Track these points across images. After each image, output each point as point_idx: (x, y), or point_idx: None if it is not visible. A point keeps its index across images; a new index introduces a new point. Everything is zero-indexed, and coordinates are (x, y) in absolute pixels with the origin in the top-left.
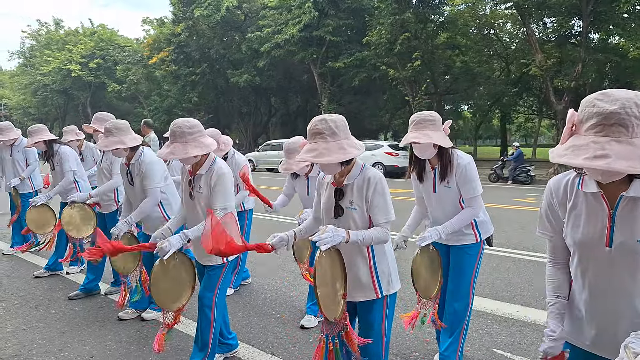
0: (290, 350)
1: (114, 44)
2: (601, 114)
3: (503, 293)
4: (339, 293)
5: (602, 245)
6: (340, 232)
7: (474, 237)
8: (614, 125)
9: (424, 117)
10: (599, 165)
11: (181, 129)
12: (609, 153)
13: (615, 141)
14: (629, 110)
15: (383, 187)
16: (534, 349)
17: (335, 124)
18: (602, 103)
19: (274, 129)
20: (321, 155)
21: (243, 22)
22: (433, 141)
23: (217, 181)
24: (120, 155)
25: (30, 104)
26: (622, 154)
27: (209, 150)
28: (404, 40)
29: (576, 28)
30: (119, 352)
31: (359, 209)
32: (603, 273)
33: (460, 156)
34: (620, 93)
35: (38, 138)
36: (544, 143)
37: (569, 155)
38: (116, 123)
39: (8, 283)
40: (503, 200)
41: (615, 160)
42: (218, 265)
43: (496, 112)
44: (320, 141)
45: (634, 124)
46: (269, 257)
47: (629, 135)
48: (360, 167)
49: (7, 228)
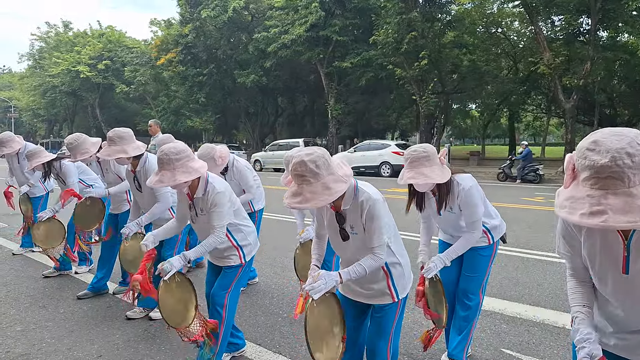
0: (297, 350)
1: (122, 45)
2: (592, 167)
3: (511, 292)
4: (337, 337)
5: (619, 272)
6: (333, 277)
7: (487, 240)
8: (608, 178)
9: (417, 154)
10: (595, 223)
11: (168, 156)
12: (605, 208)
13: (611, 194)
14: (620, 163)
15: (374, 212)
16: (542, 348)
17: (315, 164)
18: (593, 155)
19: (281, 129)
20: (307, 200)
21: (250, 23)
22: (430, 181)
23: (213, 202)
24: (124, 164)
25: (39, 105)
26: (620, 207)
27: (198, 175)
28: (410, 39)
29: (585, 26)
30: (127, 351)
31: (360, 233)
32: (621, 295)
33: (461, 182)
34: (612, 142)
35: (37, 161)
36: (552, 142)
37: (567, 210)
38: (119, 132)
39: (18, 283)
40: (511, 200)
41: (612, 215)
42: (235, 265)
43: (504, 111)
44: (304, 185)
45: (628, 175)
46: (276, 256)
47: (626, 185)
48: (354, 190)
49: (17, 228)
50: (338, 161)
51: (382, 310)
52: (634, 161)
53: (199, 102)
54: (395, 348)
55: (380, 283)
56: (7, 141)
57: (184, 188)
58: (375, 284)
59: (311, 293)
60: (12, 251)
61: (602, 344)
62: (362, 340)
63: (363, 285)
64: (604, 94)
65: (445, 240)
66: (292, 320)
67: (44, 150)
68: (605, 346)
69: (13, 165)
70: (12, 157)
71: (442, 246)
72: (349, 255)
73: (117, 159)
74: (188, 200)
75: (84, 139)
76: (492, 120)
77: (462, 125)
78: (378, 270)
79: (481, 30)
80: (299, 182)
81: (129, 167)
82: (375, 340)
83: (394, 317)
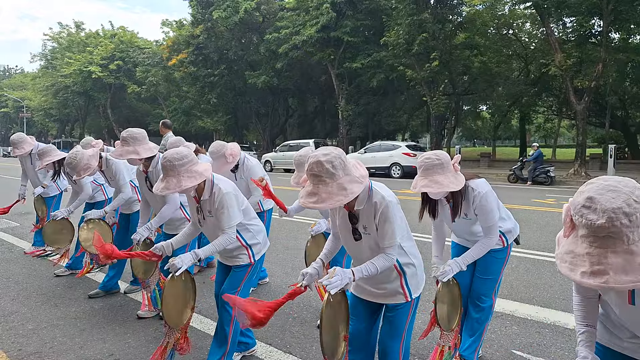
0: (307, 350)
1: (134, 46)
2: (590, 226)
3: (522, 294)
4: (341, 335)
5: (625, 304)
6: (347, 274)
7: (501, 242)
8: (606, 237)
9: (430, 162)
10: (597, 284)
11: (171, 162)
12: (606, 268)
13: (611, 252)
14: (617, 224)
15: (389, 213)
16: (553, 350)
17: (332, 164)
18: (589, 214)
19: (292, 130)
20: (323, 200)
21: (261, 24)
22: (444, 189)
23: (220, 203)
24: (136, 165)
25: (51, 105)
26: (620, 266)
27: (203, 178)
28: (421, 40)
29: (596, 27)
30: (138, 350)
31: (372, 234)
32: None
33: (476, 188)
34: (608, 201)
35: (48, 160)
36: (563, 144)
37: (568, 265)
38: (132, 132)
39: (29, 282)
40: (522, 201)
41: (613, 276)
42: (244, 264)
43: (515, 113)
44: (320, 185)
45: (627, 234)
46: (286, 257)
47: (625, 243)
48: (368, 190)
49: (29, 227)
50: (354, 162)
51: (395, 309)
52: (631, 220)
53: (210, 102)
54: (407, 348)
55: (394, 283)
56: (18, 142)
57: (190, 192)
58: (388, 284)
59: (328, 288)
60: (24, 250)
61: (615, 345)
62: (373, 342)
63: (376, 285)
64: (616, 95)
65: (459, 243)
66: (303, 321)
67: (55, 149)
68: (617, 347)
69: (26, 165)
70: (25, 158)
71: (455, 249)
72: (362, 255)
73: (129, 160)
74: (196, 203)
75: (80, 155)
76: (503, 121)
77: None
78: (391, 270)
79: (492, 32)
80: (314, 182)
81: (140, 167)
82: (387, 340)
83: (407, 317)
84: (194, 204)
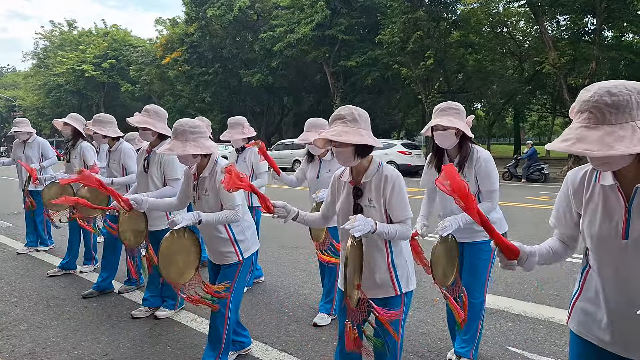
0: (303, 348)
1: (127, 44)
2: (578, 102)
3: (516, 291)
4: (355, 282)
5: (619, 238)
6: (369, 221)
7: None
8: (586, 112)
9: (448, 105)
10: (561, 147)
11: (183, 127)
12: (574, 136)
13: (584, 127)
14: (599, 99)
15: (400, 186)
16: (547, 346)
17: (358, 112)
18: (584, 92)
19: (287, 129)
20: (339, 134)
21: (255, 22)
22: (456, 126)
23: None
24: (146, 139)
25: (44, 104)
26: (591, 139)
27: (208, 152)
28: (416, 38)
29: (590, 25)
30: (132, 350)
31: (378, 207)
32: (619, 267)
33: (480, 151)
34: (603, 83)
35: (73, 123)
36: None
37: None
38: (157, 108)
39: (22, 282)
40: (517, 199)
41: (574, 143)
42: (233, 263)
43: (509, 111)
44: (340, 124)
45: (604, 113)
46: (282, 256)
47: (600, 122)
48: (378, 164)
49: (22, 227)
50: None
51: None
52: (612, 100)
53: (204, 101)
54: (400, 344)
55: (384, 276)
56: (20, 122)
57: (191, 164)
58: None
59: (352, 232)
60: (17, 250)
61: (598, 339)
62: None
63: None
64: None
65: None
66: (298, 319)
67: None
68: (600, 342)
69: (18, 154)
70: (19, 146)
71: None
72: None
73: (142, 130)
74: (193, 180)
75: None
76: (497, 119)
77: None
78: (383, 264)
79: (487, 30)
80: (335, 124)
81: (146, 146)
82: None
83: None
84: (191, 181)
